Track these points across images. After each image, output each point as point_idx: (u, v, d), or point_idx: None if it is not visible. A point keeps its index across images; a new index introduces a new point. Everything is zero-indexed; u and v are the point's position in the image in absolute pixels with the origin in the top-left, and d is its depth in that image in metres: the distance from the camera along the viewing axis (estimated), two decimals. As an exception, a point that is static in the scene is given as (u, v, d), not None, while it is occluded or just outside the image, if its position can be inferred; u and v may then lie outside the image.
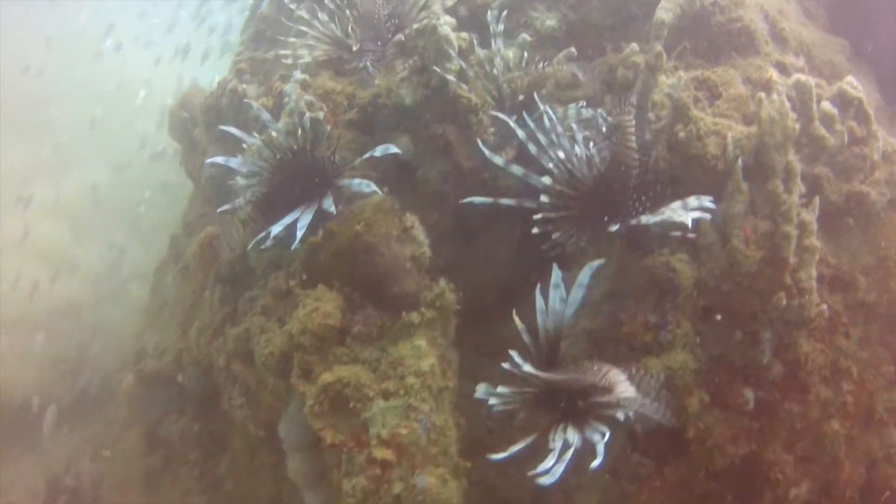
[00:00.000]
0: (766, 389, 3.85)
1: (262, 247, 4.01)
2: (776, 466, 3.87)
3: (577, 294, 3.43)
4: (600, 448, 3.13)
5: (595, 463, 3.11)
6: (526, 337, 3.45)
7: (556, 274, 3.44)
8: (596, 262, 3.45)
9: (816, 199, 3.78)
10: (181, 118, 5.55)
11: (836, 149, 4.01)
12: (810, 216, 3.74)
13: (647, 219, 3.40)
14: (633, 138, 3.60)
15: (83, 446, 6.10)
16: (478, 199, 3.80)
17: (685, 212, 3.33)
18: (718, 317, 3.76)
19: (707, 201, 3.42)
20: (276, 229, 3.76)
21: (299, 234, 3.63)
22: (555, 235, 3.65)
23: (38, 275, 7.41)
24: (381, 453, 3.48)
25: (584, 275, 3.42)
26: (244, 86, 4.83)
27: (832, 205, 4.01)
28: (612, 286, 3.80)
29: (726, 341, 3.78)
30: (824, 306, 3.77)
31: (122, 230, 8.42)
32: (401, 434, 3.49)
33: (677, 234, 3.58)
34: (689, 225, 3.31)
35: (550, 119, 3.76)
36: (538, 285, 3.48)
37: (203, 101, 4.99)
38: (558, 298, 3.46)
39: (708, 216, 3.44)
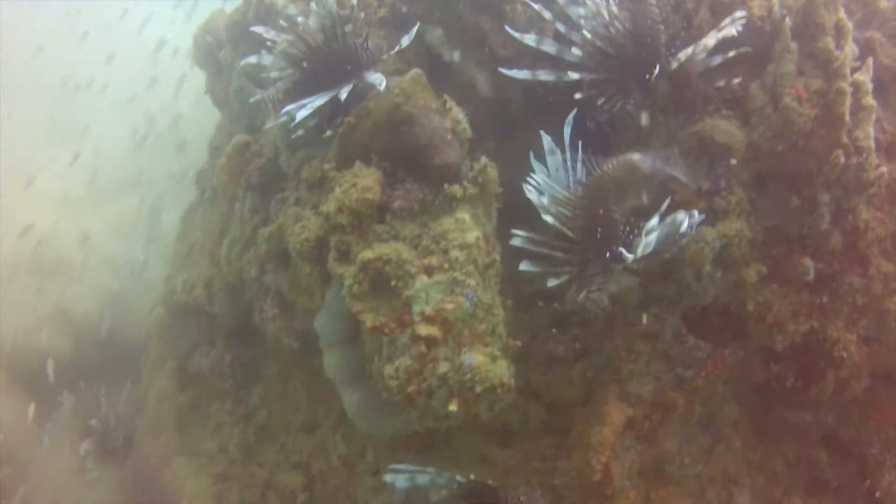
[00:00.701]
0: (826, 261, 3.67)
1: (293, 136, 3.92)
2: (839, 344, 3.68)
3: None
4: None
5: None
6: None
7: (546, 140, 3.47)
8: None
9: (870, 60, 3.61)
10: (205, 43, 5.47)
11: (889, 13, 3.85)
12: (864, 76, 3.57)
13: (685, 53, 3.29)
14: None
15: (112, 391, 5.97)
16: (515, 72, 3.68)
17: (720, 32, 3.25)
18: (773, 184, 3.60)
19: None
20: (302, 113, 3.64)
21: (343, 95, 3.52)
22: (600, 101, 3.52)
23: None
24: (425, 330, 3.32)
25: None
26: (269, -2, 4.71)
27: (886, 70, 3.83)
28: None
29: (782, 210, 3.61)
30: (884, 168, 3.60)
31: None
32: (446, 309, 3.33)
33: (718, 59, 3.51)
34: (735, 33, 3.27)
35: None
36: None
37: (228, 19, 4.90)
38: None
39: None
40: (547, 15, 3.72)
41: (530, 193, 3.48)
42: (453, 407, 3.27)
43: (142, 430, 5.66)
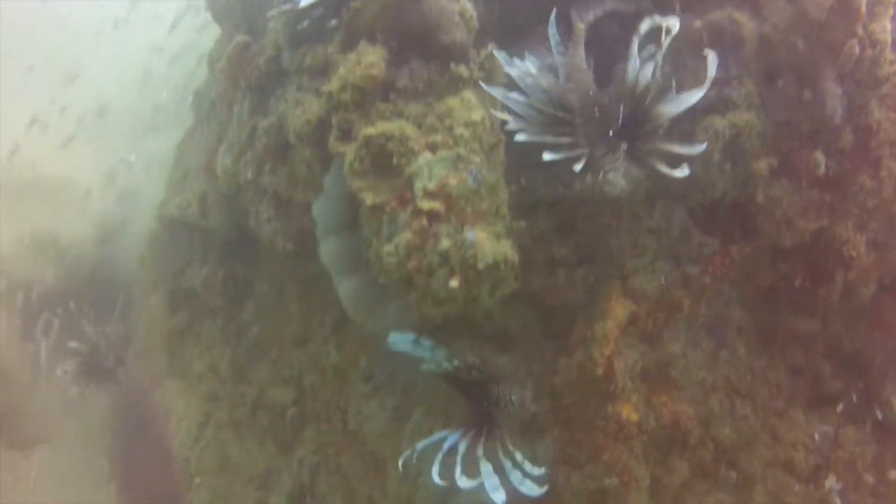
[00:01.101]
0: (837, 159, 3.60)
1: (298, 27, 3.84)
2: (849, 243, 3.61)
3: None
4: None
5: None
6: None
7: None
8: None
9: (887, -47, 3.56)
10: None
11: None
12: (881, -32, 3.52)
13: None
14: None
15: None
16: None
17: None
18: (784, 78, 3.53)
19: None
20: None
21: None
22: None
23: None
24: (427, 205, 3.22)
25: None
26: None
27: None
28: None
29: (793, 104, 3.53)
30: (898, 64, 3.54)
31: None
32: (450, 184, 3.23)
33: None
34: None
35: None
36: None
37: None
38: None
39: None
40: None
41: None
42: (454, 283, 3.18)
43: (133, 353, 5.54)
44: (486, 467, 3.33)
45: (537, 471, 3.34)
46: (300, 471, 4.51)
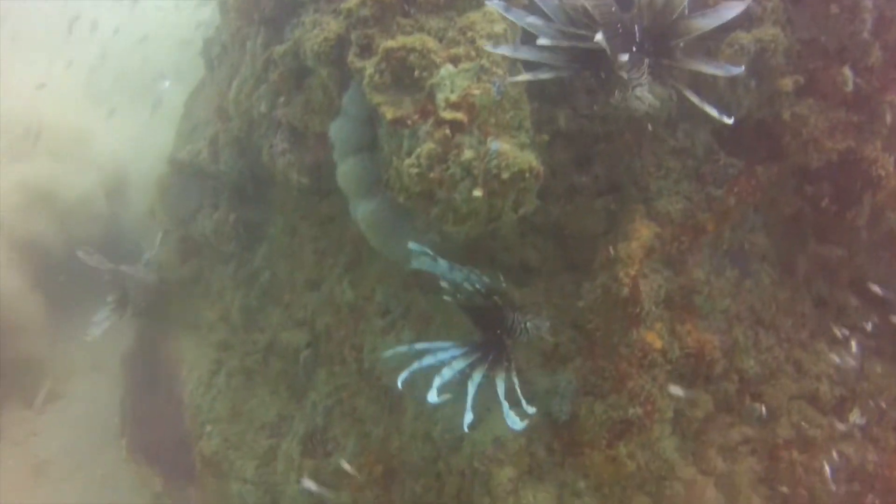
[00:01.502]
0: (865, 77, 3.52)
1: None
2: (877, 163, 3.54)
3: None
4: None
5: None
6: None
7: None
8: None
9: None
10: None
11: None
12: None
13: None
14: None
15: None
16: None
17: None
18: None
19: None
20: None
21: None
22: None
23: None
24: (450, 115, 3.17)
25: None
26: None
27: None
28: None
29: (821, 20, 3.47)
30: (928, -24, 3.47)
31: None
32: (473, 94, 3.18)
33: None
34: None
35: None
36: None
37: None
38: None
39: None
40: None
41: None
42: (478, 193, 3.12)
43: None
44: (471, 389, 3.24)
45: (531, 409, 3.23)
46: (313, 415, 4.42)
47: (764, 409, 3.81)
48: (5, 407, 6.20)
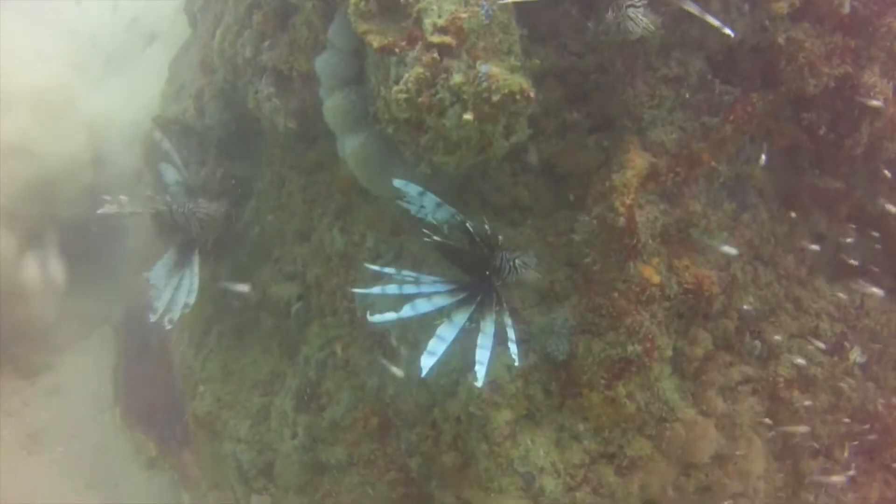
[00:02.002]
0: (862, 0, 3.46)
1: None
2: (875, 89, 3.47)
3: None
4: None
5: None
6: None
7: None
8: None
9: None
10: None
11: None
12: None
13: None
14: None
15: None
16: None
17: None
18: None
19: None
20: None
21: None
22: None
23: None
24: (438, 39, 3.08)
25: None
26: None
27: None
28: None
29: (816, -61, 3.40)
30: None
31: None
32: (461, 18, 3.09)
33: None
34: None
35: None
36: None
37: None
38: None
39: None
40: None
41: None
42: (468, 117, 3.04)
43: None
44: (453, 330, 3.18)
45: (516, 361, 3.17)
46: (306, 369, 4.34)
47: (764, 346, 3.76)
48: (-1, 377, 6.12)
